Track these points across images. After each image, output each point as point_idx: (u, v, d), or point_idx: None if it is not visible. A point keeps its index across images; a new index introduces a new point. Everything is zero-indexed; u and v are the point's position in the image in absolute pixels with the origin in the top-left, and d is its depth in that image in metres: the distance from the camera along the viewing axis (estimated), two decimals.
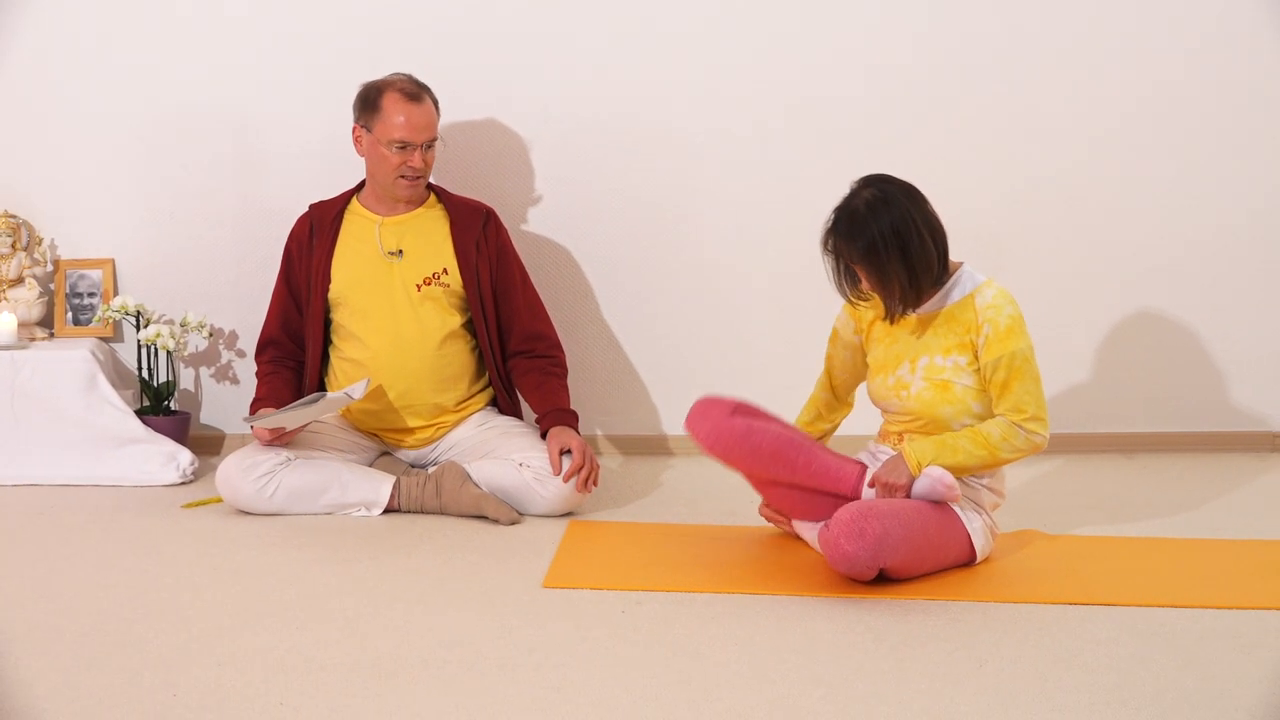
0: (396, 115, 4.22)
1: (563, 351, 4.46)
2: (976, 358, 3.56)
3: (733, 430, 3.64)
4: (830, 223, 3.55)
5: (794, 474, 3.63)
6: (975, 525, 3.59)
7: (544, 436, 4.23)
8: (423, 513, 4.13)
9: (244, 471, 4.11)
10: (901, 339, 3.64)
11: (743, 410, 3.71)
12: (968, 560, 3.59)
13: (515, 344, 4.40)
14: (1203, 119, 4.84)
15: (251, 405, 4.32)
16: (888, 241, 3.47)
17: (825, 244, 3.56)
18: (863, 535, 3.37)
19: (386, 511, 4.13)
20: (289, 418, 4.07)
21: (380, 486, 4.14)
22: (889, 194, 3.50)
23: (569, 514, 4.16)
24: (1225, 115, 4.84)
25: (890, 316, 3.59)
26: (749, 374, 4.89)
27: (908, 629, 3.20)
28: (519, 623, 3.24)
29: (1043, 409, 3.54)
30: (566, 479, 4.11)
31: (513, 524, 4.05)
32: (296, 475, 4.12)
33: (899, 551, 3.42)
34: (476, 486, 4.11)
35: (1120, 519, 4.12)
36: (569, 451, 4.15)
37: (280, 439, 4.15)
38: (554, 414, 4.28)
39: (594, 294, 4.92)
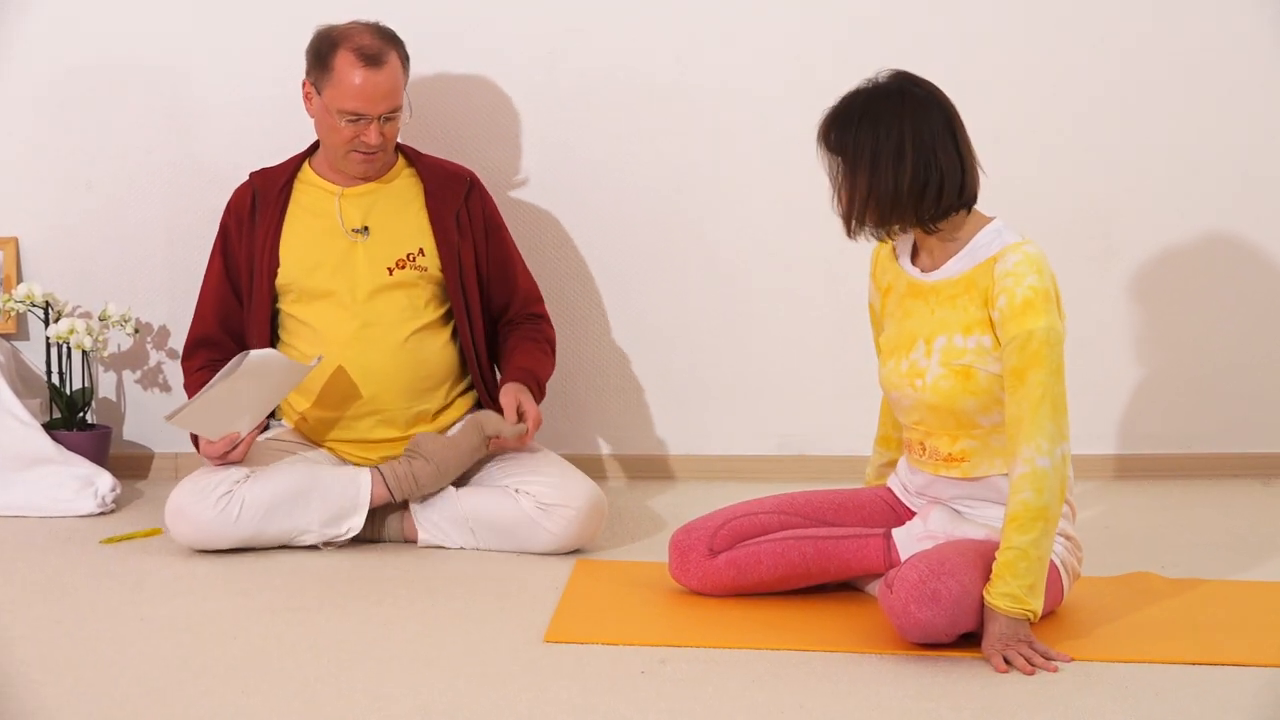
0: (350, 80, 4.22)
1: (551, 325, 4.56)
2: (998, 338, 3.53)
3: (721, 574, 3.78)
4: (829, 109, 3.56)
5: (811, 578, 3.75)
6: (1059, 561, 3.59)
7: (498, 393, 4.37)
8: (417, 494, 4.18)
9: (199, 496, 4.10)
10: (916, 313, 3.62)
11: (724, 534, 3.79)
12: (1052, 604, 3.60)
13: (504, 322, 4.51)
14: None
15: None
16: (860, 152, 3.47)
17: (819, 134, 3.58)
18: (937, 599, 3.36)
19: (374, 511, 4.19)
20: (224, 397, 4.00)
21: (358, 478, 4.17)
22: (894, 97, 3.48)
23: (577, 551, 4.18)
24: None
25: (847, 230, 3.57)
26: (787, 380, 4.92)
27: (993, 695, 3.21)
28: (516, 686, 3.24)
29: (1062, 415, 3.42)
30: (526, 440, 4.24)
31: (520, 440, 4.21)
32: (261, 487, 4.11)
33: (981, 608, 3.42)
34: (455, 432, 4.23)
35: (1257, 559, 4.13)
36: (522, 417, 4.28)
37: (234, 452, 4.13)
38: (519, 371, 4.37)
39: (597, 284, 4.96)
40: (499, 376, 4.45)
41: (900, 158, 3.46)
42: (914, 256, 3.66)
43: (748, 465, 4.94)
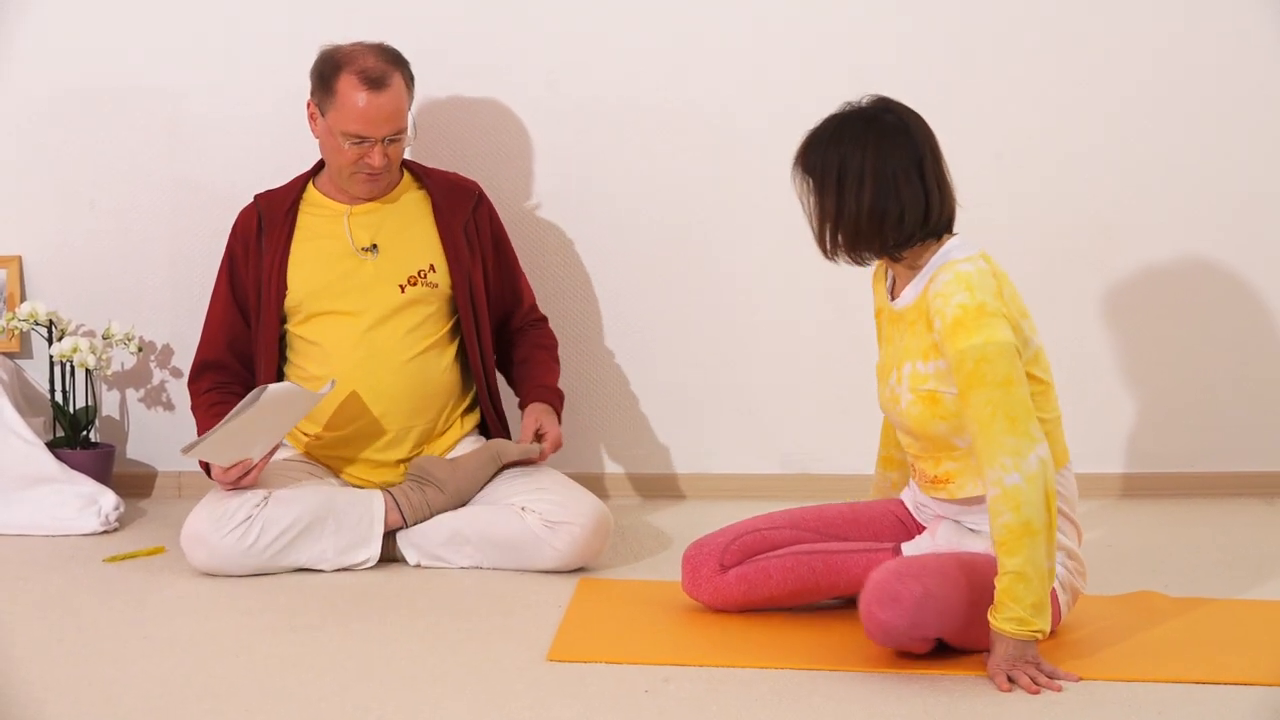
0: (353, 104, 4.22)
1: (552, 330, 4.62)
2: None
3: (731, 589, 3.80)
4: (807, 131, 3.58)
5: (821, 593, 3.78)
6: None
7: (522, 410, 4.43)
8: (429, 517, 4.20)
9: (217, 523, 4.09)
10: (893, 340, 3.64)
11: (734, 549, 3.81)
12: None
13: (511, 326, 4.55)
14: None
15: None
16: (826, 176, 3.49)
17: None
18: (898, 600, 3.37)
19: (389, 537, 4.20)
20: (238, 430, 4.01)
21: (373, 505, 4.18)
22: (863, 123, 3.49)
23: (580, 569, 4.18)
24: None
25: (821, 252, 3.59)
26: (791, 398, 4.93)
27: (997, 714, 3.21)
28: (518, 705, 3.25)
29: (1021, 423, 3.36)
30: (541, 457, 4.30)
31: (540, 458, 4.30)
32: (281, 511, 4.11)
33: (949, 617, 3.41)
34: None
35: (1260, 578, 4.13)
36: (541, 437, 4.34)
37: (247, 478, 4.13)
38: (538, 389, 4.43)
39: (600, 303, 4.96)
40: (521, 389, 4.48)
41: (860, 184, 3.47)
42: (894, 283, 3.68)
43: (752, 483, 4.94)
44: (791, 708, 3.24)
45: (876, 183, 3.46)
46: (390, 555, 4.21)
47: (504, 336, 4.54)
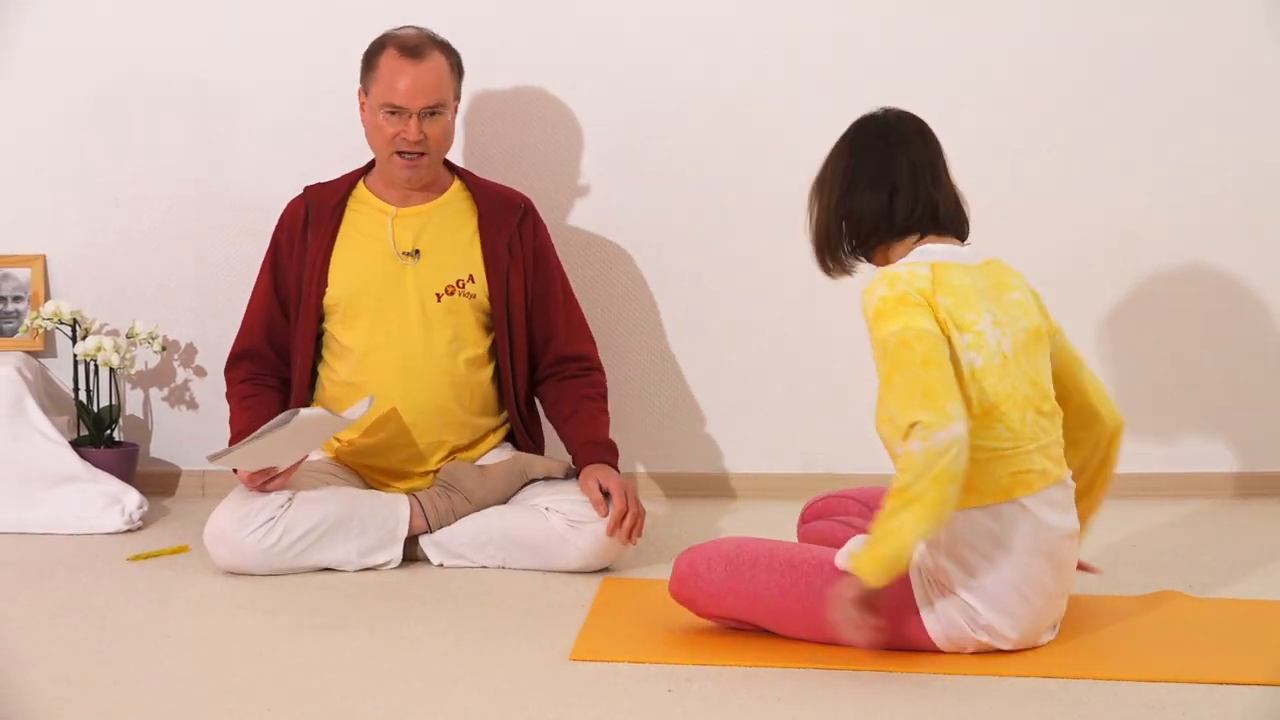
0: (390, 74, 4.23)
1: (603, 373, 4.48)
2: None
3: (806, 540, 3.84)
4: None
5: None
6: (937, 611, 3.47)
7: (577, 475, 4.28)
8: (453, 523, 4.19)
9: (240, 522, 4.09)
10: None
11: (816, 507, 3.94)
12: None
13: (547, 365, 4.43)
14: None
15: (231, 440, 4.27)
16: (813, 185, 3.58)
17: None
18: (674, 571, 3.63)
19: (411, 538, 4.18)
20: (266, 446, 4.02)
21: (398, 508, 4.17)
22: (849, 132, 3.56)
23: (604, 569, 4.18)
24: None
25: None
26: (839, 405, 4.92)
27: (1019, 714, 3.21)
28: (540, 705, 3.25)
29: (933, 399, 3.27)
30: (611, 530, 4.12)
31: (568, 477, 4.25)
32: (305, 513, 4.11)
33: (723, 600, 3.56)
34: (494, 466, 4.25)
35: None
36: (608, 494, 4.17)
37: (273, 483, 4.14)
38: (590, 448, 4.30)
39: (648, 304, 4.96)
40: (572, 447, 4.36)
41: (831, 188, 3.54)
42: None
43: (775, 483, 4.94)
44: (814, 708, 3.24)
45: (844, 183, 3.52)
46: (412, 555, 4.21)
47: (548, 372, 4.44)
